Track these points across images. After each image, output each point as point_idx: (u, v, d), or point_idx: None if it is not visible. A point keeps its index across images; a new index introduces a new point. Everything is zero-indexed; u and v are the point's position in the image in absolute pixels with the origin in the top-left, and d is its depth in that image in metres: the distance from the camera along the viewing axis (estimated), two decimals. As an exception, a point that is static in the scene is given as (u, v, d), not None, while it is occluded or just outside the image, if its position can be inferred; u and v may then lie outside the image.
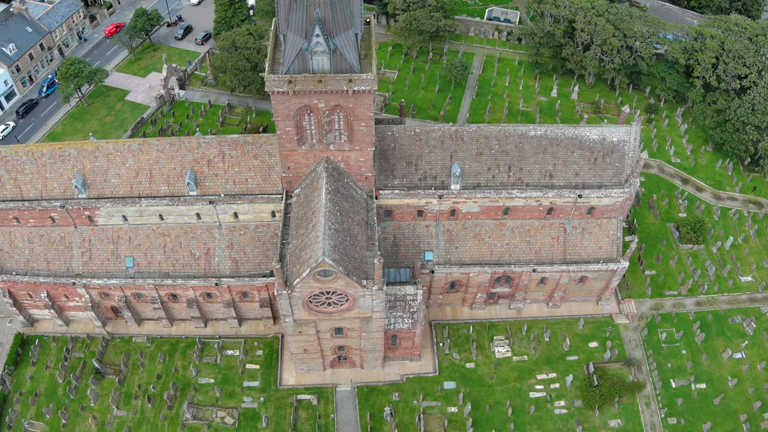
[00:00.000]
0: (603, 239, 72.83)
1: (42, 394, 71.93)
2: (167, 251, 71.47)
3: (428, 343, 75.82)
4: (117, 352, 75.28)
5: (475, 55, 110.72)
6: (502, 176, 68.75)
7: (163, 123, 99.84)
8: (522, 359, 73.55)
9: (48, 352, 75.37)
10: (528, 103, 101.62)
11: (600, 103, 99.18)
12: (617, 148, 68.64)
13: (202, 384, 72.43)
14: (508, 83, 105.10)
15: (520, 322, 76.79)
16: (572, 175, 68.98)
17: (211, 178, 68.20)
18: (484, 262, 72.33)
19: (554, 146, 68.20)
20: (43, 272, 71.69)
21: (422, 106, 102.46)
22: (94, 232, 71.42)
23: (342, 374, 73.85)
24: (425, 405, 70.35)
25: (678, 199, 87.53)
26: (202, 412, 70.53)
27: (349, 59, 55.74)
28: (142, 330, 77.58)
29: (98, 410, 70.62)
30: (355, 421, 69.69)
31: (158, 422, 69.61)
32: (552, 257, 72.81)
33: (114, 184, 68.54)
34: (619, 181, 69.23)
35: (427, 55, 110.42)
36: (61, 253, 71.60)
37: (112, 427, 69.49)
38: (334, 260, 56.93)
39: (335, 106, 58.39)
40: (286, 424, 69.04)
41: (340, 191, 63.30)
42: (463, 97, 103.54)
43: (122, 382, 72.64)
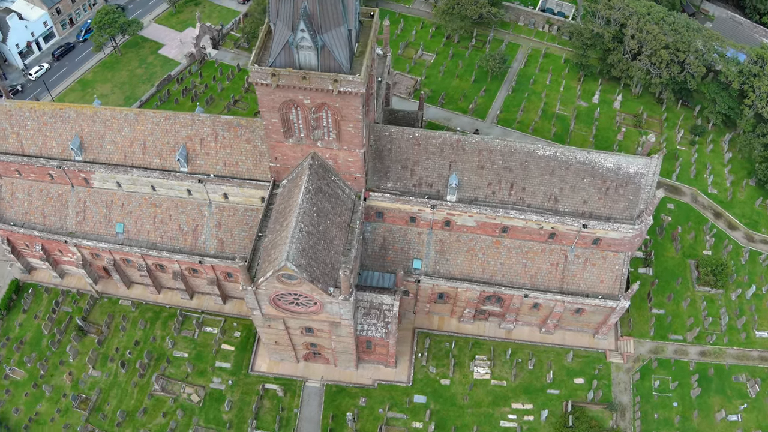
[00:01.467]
0: (606, 273, 67.79)
1: (27, 343, 74.28)
2: (157, 222, 71.24)
3: (408, 350, 73.53)
4: (102, 312, 76.57)
5: (520, 47, 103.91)
6: (503, 193, 64.41)
7: (189, 83, 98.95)
8: (500, 384, 70.35)
9: (39, 302, 77.48)
10: (566, 106, 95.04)
11: (642, 116, 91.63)
12: (633, 181, 62.93)
13: (176, 357, 72.94)
14: (549, 82, 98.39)
15: (507, 344, 73.23)
16: (579, 202, 63.91)
17: (203, 157, 66.84)
18: (474, 279, 68.79)
19: (563, 169, 63.15)
20: (39, 226, 73.00)
21: (454, 95, 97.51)
22: (90, 194, 71.81)
23: (315, 369, 72.73)
24: (390, 415, 68.59)
25: (706, 234, 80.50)
26: (171, 385, 71.18)
27: (338, 57, 52.26)
28: (131, 293, 78.49)
29: (75, 367, 72.37)
30: (318, 419, 68.77)
31: (128, 388, 70.77)
32: (548, 284, 68.46)
33: (109, 150, 68.23)
34: (630, 216, 63.74)
35: (470, 42, 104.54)
36: (57, 210, 72.56)
37: (85, 385, 71.16)
38: (298, 265, 54.90)
39: (322, 104, 55.34)
40: (249, 412, 68.85)
41: (323, 190, 60.73)
42: (499, 91, 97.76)
43: (102, 343, 74.02)
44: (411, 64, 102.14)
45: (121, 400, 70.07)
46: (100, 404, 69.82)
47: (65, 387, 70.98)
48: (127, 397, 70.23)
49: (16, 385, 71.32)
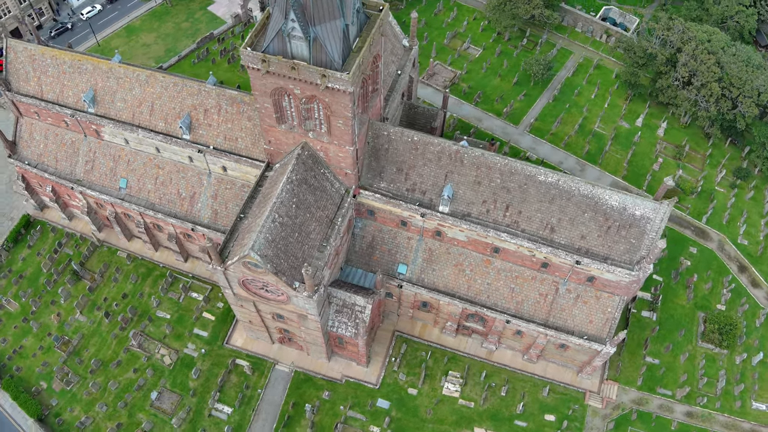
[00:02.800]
0: (597, 314, 63.98)
1: (26, 278, 77.42)
2: (158, 183, 72.02)
3: (383, 352, 72.26)
4: (100, 260, 78.73)
5: (572, 55, 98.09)
6: (497, 214, 61.30)
7: (229, 44, 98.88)
8: (468, 405, 68.24)
9: (45, 240, 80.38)
10: (606, 124, 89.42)
11: (685, 148, 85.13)
12: (637, 224, 58.52)
13: (158, 317, 74.38)
14: (594, 96, 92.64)
15: (484, 365, 70.74)
16: (577, 237, 60.11)
17: (205, 128, 66.62)
18: (457, 295, 66.40)
19: (564, 199, 59.36)
20: (50, 169, 75.21)
21: (491, 95, 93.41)
22: (99, 146, 73.19)
23: (288, 353, 72.61)
24: (350, 414, 67.88)
25: (724, 287, 74.67)
26: (148, 343, 72.77)
27: (330, 52, 50.24)
28: (130, 246, 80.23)
29: (64, 309, 75.00)
30: (279, 404, 68.81)
31: (108, 339, 72.86)
32: (533, 314, 65.32)
33: (119, 107, 69.01)
34: (630, 260, 59.51)
35: (521, 41, 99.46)
36: (68, 156, 74.44)
37: (70, 328, 73.74)
38: (263, 256, 54.17)
39: (312, 96, 53.65)
40: (214, 383, 69.66)
41: (309, 182, 59.42)
42: (539, 98, 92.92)
43: (93, 290, 76.25)
44: (454, 56, 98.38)
45: (99, 348, 72.29)
46: (79, 349, 72.31)
47: (52, 326, 73.79)
48: (105, 347, 72.37)
49: (9, 316, 74.71)
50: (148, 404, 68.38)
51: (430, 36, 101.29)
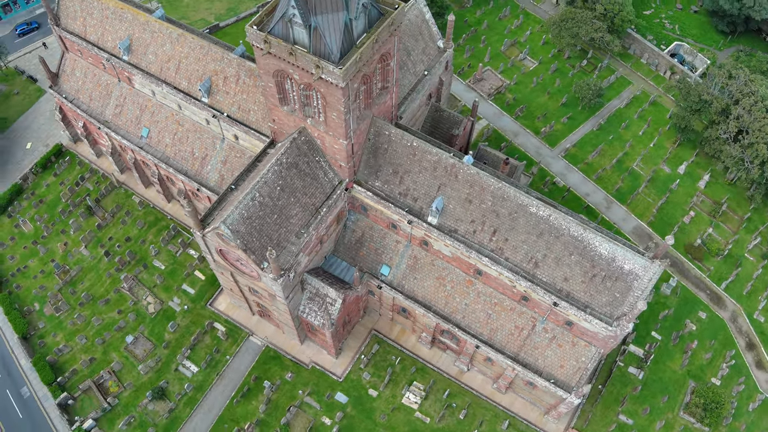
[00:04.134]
0: (569, 360, 61.18)
1: (45, 203, 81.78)
2: (175, 139, 74.01)
3: (356, 347, 72.04)
4: (115, 200, 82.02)
5: (630, 85, 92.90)
6: (483, 236, 59.38)
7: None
8: (423, 419, 67.14)
9: (71, 171, 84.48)
10: (646, 164, 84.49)
11: (722, 206, 79.35)
12: (624, 278, 55.29)
13: (154, 266, 76.96)
14: (642, 132, 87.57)
15: (450, 383, 69.24)
16: (560, 277, 57.47)
17: (222, 95, 67.66)
18: (433, 309, 65.10)
19: (552, 236, 56.77)
20: (84, 106, 78.65)
21: (534, 111, 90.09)
22: (130, 93, 75.80)
23: (265, 327, 73.63)
24: (306, 400, 68.23)
25: (724, 361, 69.71)
26: (137, 289, 75.52)
27: (328, 44, 49.61)
28: (145, 193, 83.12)
29: (72, 240, 78.87)
30: (242, 374, 69.97)
31: (102, 276, 76.13)
32: (505, 345, 63.22)
33: (150, 60, 71.07)
34: (610, 314, 56.40)
35: (580, 62, 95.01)
36: (102, 97, 77.55)
37: (72, 259, 77.53)
38: (234, 231, 54.80)
39: (309, 84, 53.32)
40: (187, 341, 71.62)
41: (300, 167, 59.35)
42: (583, 124, 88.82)
43: (101, 227, 79.67)
44: (507, 65, 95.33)
45: (93, 284, 75.70)
46: (75, 280, 75.98)
47: (56, 254, 77.82)
48: (98, 283, 75.71)
49: (22, 235, 79.33)
50: (123, 346, 71.25)
51: (488, 40, 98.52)
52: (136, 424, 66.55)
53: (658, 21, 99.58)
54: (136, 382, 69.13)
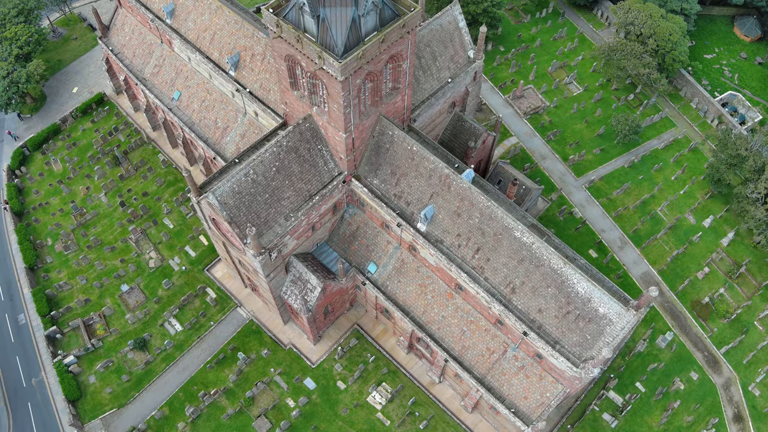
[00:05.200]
0: (534, 393, 59.93)
1: (78, 147, 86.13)
2: (203, 106, 76.39)
3: (335, 338, 72.74)
4: (141, 155, 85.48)
5: (674, 128, 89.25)
6: (467, 252, 58.84)
7: None
8: (384, 421, 67.26)
9: (107, 120, 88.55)
10: (671, 211, 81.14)
11: (741, 269, 75.33)
12: (597, 321, 53.65)
13: (163, 223, 79.89)
14: (674, 177, 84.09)
15: (418, 392, 68.97)
16: (534, 308, 56.35)
17: (248, 71, 69.39)
18: (411, 315, 65.04)
19: (533, 265, 55.64)
20: (126, 60, 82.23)
21: (568, 137, 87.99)
22: (169, 56, 78.71)
23: (254, 301, 75.34)
24: (276, 379, 69.48)
25: (706, 428, 66.42)
26: (143, 241, 78.60)
27: (334, 36, 50.14)
28: (171, 153, 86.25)
29: (94, 185, 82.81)
30: (221, 342, 71.77)
31: (114, 225, 79.66)
32: (473, 364, 62.51)
33: (189, 27, 73.61)
34: (578, 354, 54.92)
35: (627, 95, 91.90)
36: (144, 55, 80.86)
37: (90, 204, 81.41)
38: (222, 203, 56.37)
39: (315, 73, 54.08)
40: (178, 300, 74.13)
41: (299, 152, 60.32)
42: (615, 159, 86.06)
43: (123, 179, 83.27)
44: (551, 86, 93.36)
45: (104, 230, 79.35)
46: (89, 224, 79.83)
47: (77, 196, 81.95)
48: (108, 230, 79.29)
49: (50, 173, 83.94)
50: (118, 294, 74.49)
51: (537, 58, 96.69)
52: (113, 369, 69.63)
53: (717, 67, 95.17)
54: (122, 329, 72.23)
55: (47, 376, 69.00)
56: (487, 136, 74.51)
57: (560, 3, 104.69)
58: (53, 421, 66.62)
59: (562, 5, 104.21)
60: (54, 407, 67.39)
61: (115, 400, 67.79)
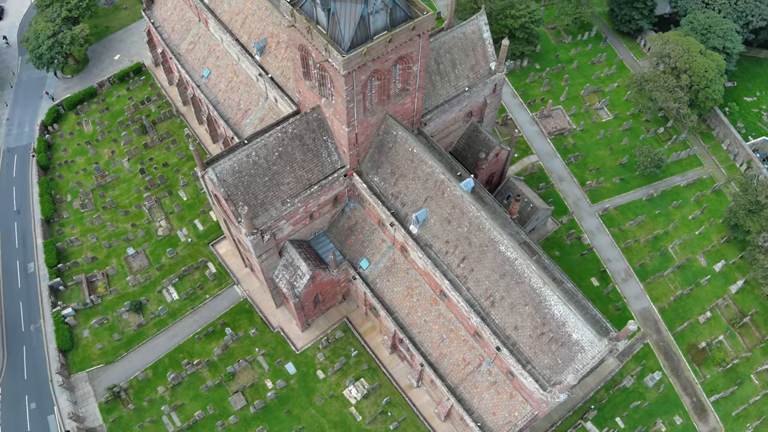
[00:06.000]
0: (503, 411, 59.52)
1: (109, 112, 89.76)
2: (229, 86, 78.57)
3: (323, 327, 73.72)
4: (168, 127, 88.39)
5: (700, 167, 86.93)
6: (453, 260, 58.97)
7: None
8: (355, 416, 67.82)
9: (142, 90, 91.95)
10: (683, 250, 78.98)
11: (746, 318, 72.75)
12: (569, 346, 52.78)
13: (177, 195, 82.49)
14: (692, 217, 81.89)
15: (395, 393, 69.24)
16: (510, 324, 56.09)
17: (272, 57, 71.13)
18: (394, 315, 65.50)
19: (513, 281, 55.38)
20: (165, 34, 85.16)
21: (588, 163, 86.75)
22: (204, 34, 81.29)
23: (251, 282, 76.97)
24: (258, 359, 70.97)
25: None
26: (156, 210, 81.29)
27: (342, 31, 51.12)
28: (197, 129, 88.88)
29: (118, 150, 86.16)
30: (213, 316, 73.53)
31: (131, 190, 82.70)
32: (447, 373, 62.47)
33: (224, 8, 75.94)
34: (547, 378, 54.24)
35: (657, 128, 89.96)
36: (181, 31, 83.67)
37: (112, 168, 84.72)
38: (221, 180, 58.07)
39: (323, 65, 55.20)
40: (178, 270, 76.38)
41: (304, 141, 61.53)
42: (633, 190, 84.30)
43: (147, 147, 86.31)
44: (581, 110, 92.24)
45: (121, 194, 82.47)
46: (108, 186, 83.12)
47: (102, 158, 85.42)
48: (125, 195, 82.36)
49: (80, 134, 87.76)
50: (123, 256, 77.33)
51: (571, 80, 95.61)
52: (107, 327, 72.38)
53: (756, 111, 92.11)
54: (121, 290, 74.97)
55: (45, 324, 72.27)
56: (501, 149, 74.41)
57: (604, 28, 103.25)
58: (43, 367, 69.75)
59: (606, 30, 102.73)
60: (46, 354, 70.55)
61: (103, 357, 70.51)
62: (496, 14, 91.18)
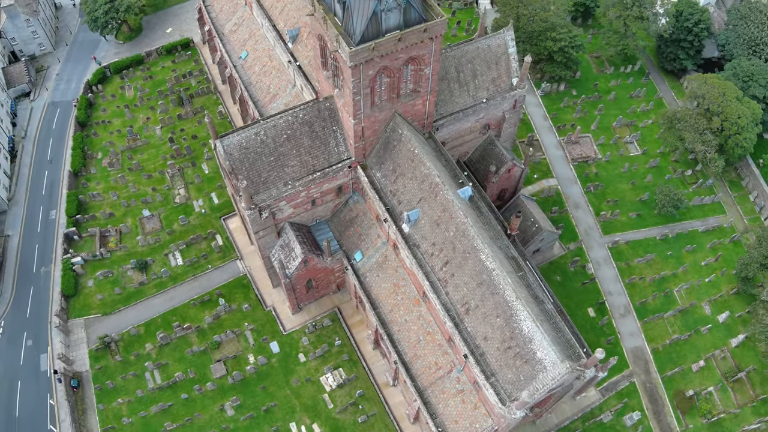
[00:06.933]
0: (465, 421, 59.33)
1: (152, 81, 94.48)
2: (261, 71, 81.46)
3: (313, 313, 75.22)
4: (203, 102, 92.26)
5: (723, 215, 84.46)
6: (437, 262, 59.64)
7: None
8: (327, 403, 68.86)
9: (186, 64, 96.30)
10: (688, 295, 76.95)
11: (741, 374, 70.19)
12: (533, 364, 52.47)
13: (200, 167, 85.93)
14: (704, 263, 79.58)
15: (369, 387, 69.93)
16: (481, 335, 56.21)
17: (302, 46, 73.50)
18: (378, 311, 66.45)
19: (488, 291, 55.52)
20: (213, 14, 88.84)
21: (608, 194, 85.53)
22: (248, 18, 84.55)
23: (254, 259, 79.19)
24: (246, 333, 73.04)
25: None
26: (177, 178, 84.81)
27: (354, 24, 52.85)
28: (230, 108, 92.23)
29: (153, 117, 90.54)
30: (211, 286, 76.34)
31: (158, 156, 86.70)
32: (418, 375, 62.88)
33: (268, -6, 79.15)
34: (509, 393, 53.96)
35: (685, 170, 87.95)
36: (228, 13, 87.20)
37: (145, 133, 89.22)
38: (228, 153, 60.56)
39: (335, 55, 56.98)
40: (188, 237, 79.41)
41: (313, 128, 63.45)
42: (649, 228, 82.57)
43: (180, 119, 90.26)
44: (610, 141, 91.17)
45: (148, 159, 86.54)
46: (137, 149, 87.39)
47: (136, 123, 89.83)
48: (152, 160, 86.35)
49: (122, 97, 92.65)
50: (139, 217, 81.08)
51: (605, 110, 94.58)
52: (110, 280, 76.00)
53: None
54: (131, 248, 78.59)
55: (55, 268, 76.51)
56: (514, 166, 74.52)
57: (649, 63, 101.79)
58: (45, 309, 73.94)
59: (651, 66, 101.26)
60: (50, 297, 74.72)
61: (102, 307, 74.06)
62: (537, 35, 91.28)
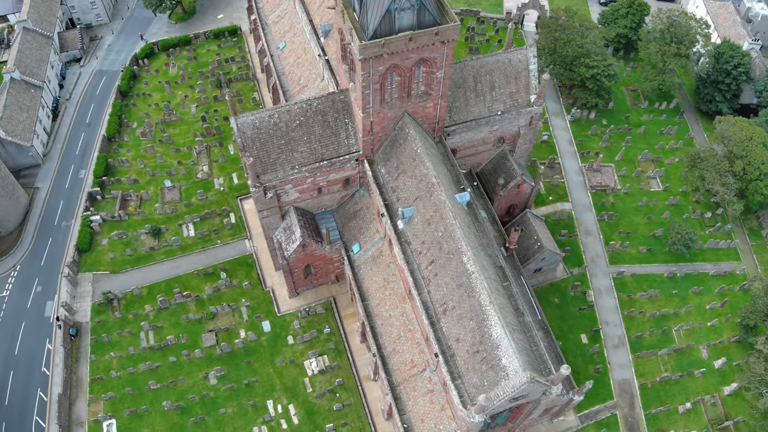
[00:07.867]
0: (431, 421, 59.68)
1: (196, 61, 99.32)
2: (295, 62, 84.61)
3: (309, 299, 77.00)
4: (240, 87, 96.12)
5: (737, 262, 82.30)
6: (423, 261, 60.75)
7: (479, 29, 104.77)
8: (307, 386, 70.33)
9: (230, 50, 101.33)
10: (687, 336, 75.30)
11: (728, 422, 68.18)
12: (497, 371, 52.79)
13: (227, 147, 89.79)
14: (709, 307, 77.79)
15: (350, 378, 71.05)
16: (454, 336, 56.74)
17: (333, 41, 75.93)
18: (366, 303, 67.86)
19: (465, 294, 56.00)
20: (260, 5, 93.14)
21: (621, 225, 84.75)
22: (290, 11, 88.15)
23: (263, 241, 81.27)
24: (242, 309, 75.44)
25: None
26: (203, 155, 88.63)
27: (369, 19, 55.10)
28: (265, 96, 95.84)
29: (190, 96, 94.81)
30: (216, 260, 79.33)
31: (188, 132, 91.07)
32: (393, 370, 63.71)
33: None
34: (473, 396, 54.16)
35: (705, 212, 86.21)
36: (274, 5, 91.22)
37: (180, 110, 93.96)
38: (242, 132, 63.42)
39: (350, 48, 59.15)
40: (203, 211, 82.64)
41: (326, 118, 65.72)
42: (659, 264, 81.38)
43: (216, 100, 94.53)
44: (632, 174, 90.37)
45: (179, 134, 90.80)
46: (170, 124, 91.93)
47: (174, 99, 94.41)
48: (182, 135, 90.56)
49: (164, 73, 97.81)
50: (161, 186, 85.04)
51: (633, 142, 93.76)
52: (124, 241, 79.95)
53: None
54: (148, 214, 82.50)
55: (74, 223, 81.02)
56: (523, 182, 75.05)
57: (686, 103, 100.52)
58: (59, 259, 78.36)
59: (686, 105, 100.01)
60: (66, 250, 79.06)
61: (111, 266, 77.96)
62: (572, 61, 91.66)
